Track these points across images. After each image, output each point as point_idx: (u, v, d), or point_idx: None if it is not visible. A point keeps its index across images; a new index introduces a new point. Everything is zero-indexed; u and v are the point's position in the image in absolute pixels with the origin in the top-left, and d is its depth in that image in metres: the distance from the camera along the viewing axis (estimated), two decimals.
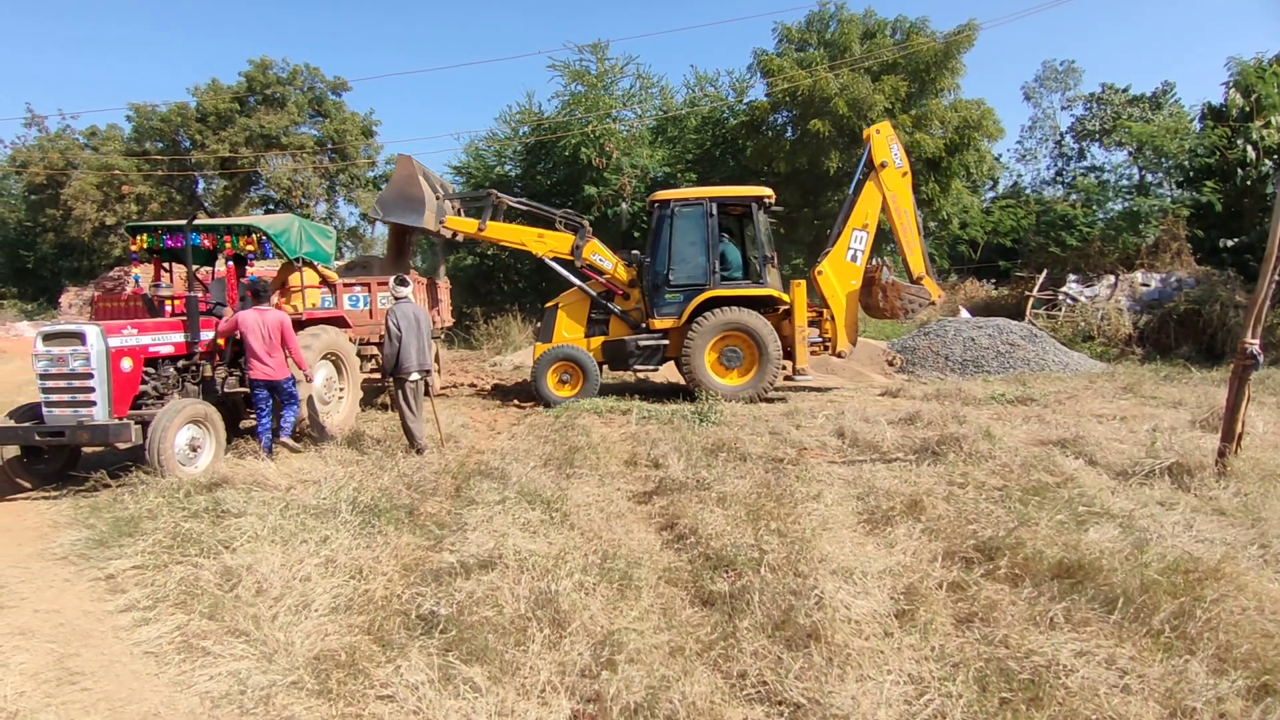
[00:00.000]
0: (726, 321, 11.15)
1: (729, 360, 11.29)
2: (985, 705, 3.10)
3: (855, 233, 11.90)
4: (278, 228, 8.42)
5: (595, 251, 12.01)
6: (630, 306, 11.98)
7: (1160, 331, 17.23)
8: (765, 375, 11.15)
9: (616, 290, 12.03)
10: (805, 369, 11.47)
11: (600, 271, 12.06)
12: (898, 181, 11.91)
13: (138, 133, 32.41)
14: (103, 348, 6.79)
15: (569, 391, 11.52)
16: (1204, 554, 4.35)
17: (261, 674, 3.50)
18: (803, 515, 5.26)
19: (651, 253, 11.67)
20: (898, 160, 11.88)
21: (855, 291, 11.93)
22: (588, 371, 11.52)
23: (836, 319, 11.82)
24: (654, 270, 11.61)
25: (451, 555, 4.70)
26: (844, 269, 11.89)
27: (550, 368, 11.56)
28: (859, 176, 12.17)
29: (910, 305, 12.00)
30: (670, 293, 11.55)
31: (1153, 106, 28.18)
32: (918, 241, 12.11)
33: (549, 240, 12.18)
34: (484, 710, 3.15)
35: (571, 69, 24.10)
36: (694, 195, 11.79)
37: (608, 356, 11.91)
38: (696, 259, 11.54)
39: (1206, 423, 7.96)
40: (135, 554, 4.97)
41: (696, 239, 11.52)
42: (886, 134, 12.02)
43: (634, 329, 11.85)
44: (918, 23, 21.42)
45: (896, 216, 11.96)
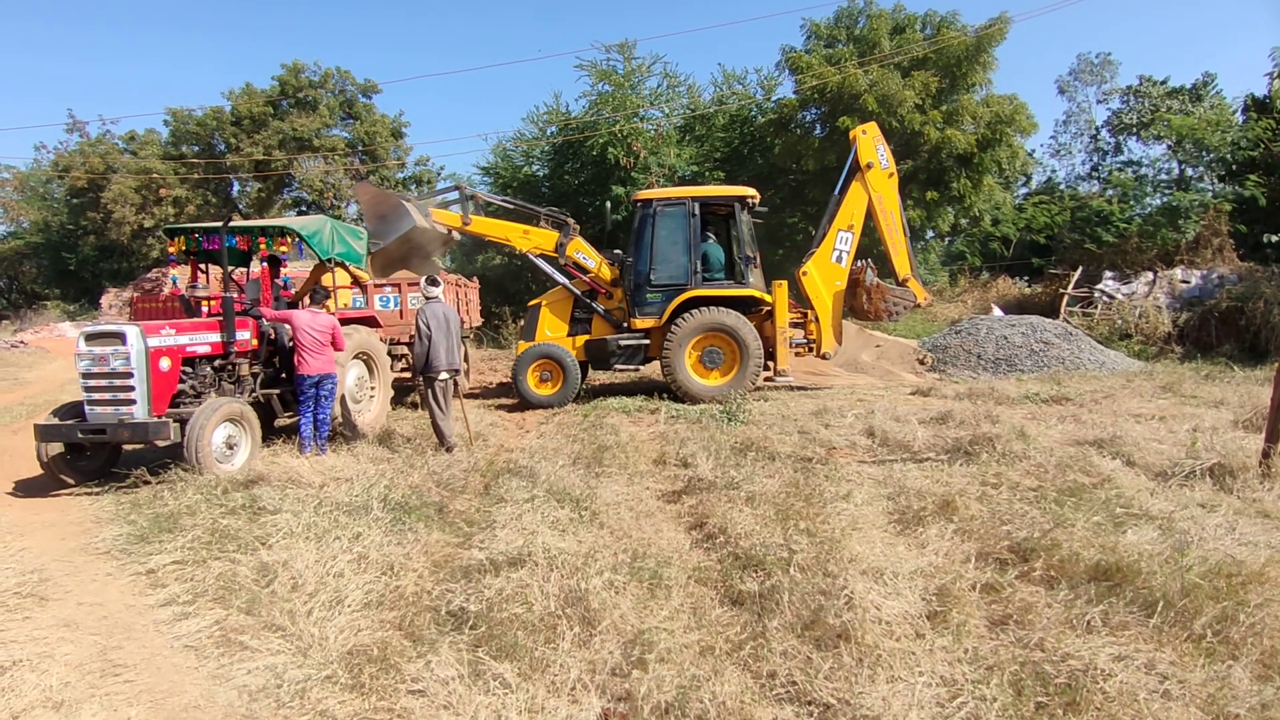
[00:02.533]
0: (707, 322, 11.08)
1: (710, 361, 11.22)
2: (1020, 709, 3.05)
3: (840, 234, 11.87)
4: (310, 229, 8.55)
5: (579, 249, 11.98)
6: (613, 306, 11.95)
7: (1201, 329, 16.82)
8: (746, 376, 11.05)
9: (600, 289, 12.00)
10: (786, 370, 11.39)
11: (584, 270, 12.04)
12: (883, 182, 11.86)
13: (175, 137, 33.14)
14: (142, 347, 6.95)
15: (549, 390, 11.51)
16: (1247, 557, 4.24)
17: (297, 668, 3.56)
18: (832, 515, 5.23)
19: (634, 252, 11.62)
20: (884, 161, 11.82)
21: (840, 292, 11.92)
22: (568, 370, 11.49)
23: (821, 320, 11.78)
24: (636, 270, 11.57)
25: (481, 552, 4.74)
26: (829, 270, 11.86)
27: (530, 366, 11.55)
28: (844, 177, 12.11)
29: (895, 308, 11.94)
30: (651, 292, 11.50)
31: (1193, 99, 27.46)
32: (903, 243, 12.04)
33: (534, 236, 12.15)
34: (514, 706, 3.18)
35: (598, 69, 24.14)
36: (676, 195, 11.76)
37: (590, 355, 11.90)
38: (678, 259, 11.49)
39: (1250, 423, 7.77)
40: (175, 549, 5.08)
41: (678, 239, 11.47)
42: (873, 135, 11.95)
43: (616, 328, 11.81)
44: (948, 17, 21.14)
45: (882, 217, 11.90)
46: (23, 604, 4.45)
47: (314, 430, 7.95)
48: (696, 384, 11.12)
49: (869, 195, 11.80)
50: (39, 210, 37.35)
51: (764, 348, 11.20)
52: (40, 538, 5.83)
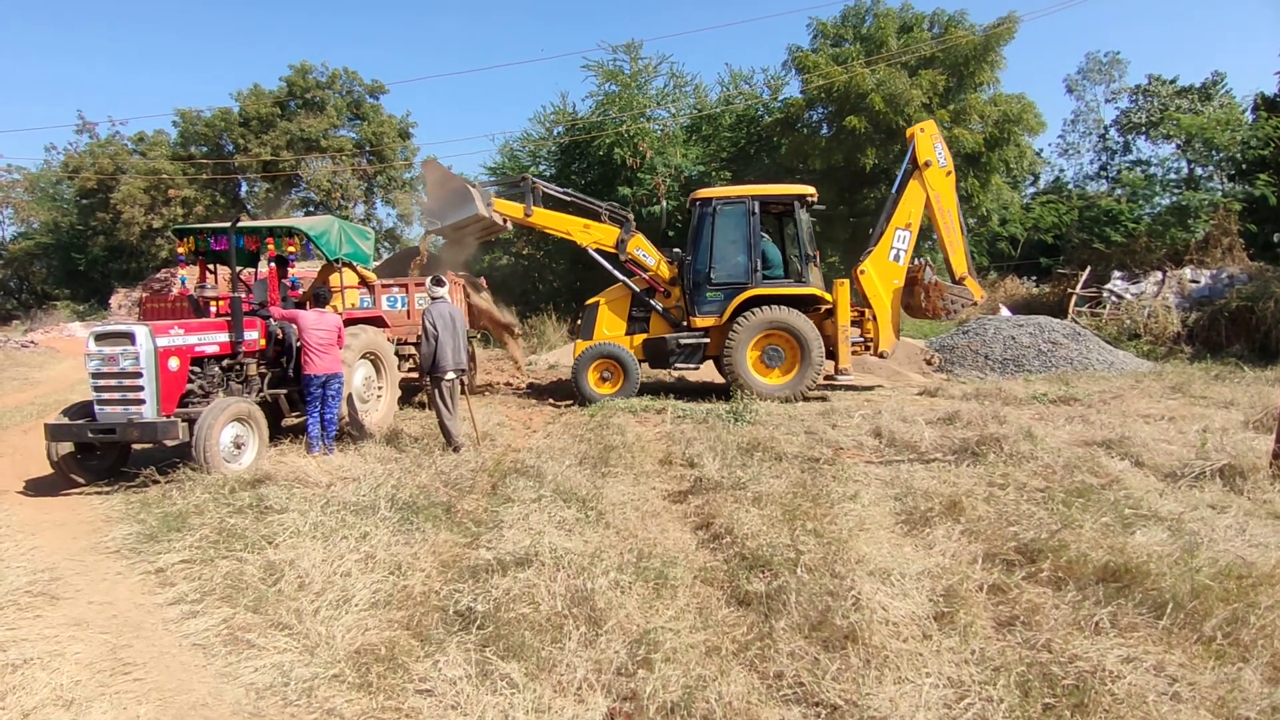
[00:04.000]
0: (769, 320, 11.09)
1: (770, 359, 11.22)
2: (1028, 710, 3.04)
3: (898, 232, 11.78)
4: (318, 229, 8.59)
5: (639, 247, 12.00)
6: (671, 304, 11.96)
7: (1210, 329, 16.71)
8: (807, 375, 11.06)
9: (658, 287, 12.02)
10: (848, 369, 11.37)
11: (643, 268, 12.05)
12: (941, 181, 11.76)
13: (183, 138, 33.35)
14: (151, 347, 6.98)
15: (609, 389, 11.55)
16: (1258, 559, 4.22)
17: (304, 667, 3.57)
18: (839, 515, 5.22)
19: (692, 251, 11.66)
20: (941, 159, 11.74)
21: (898, 291, 11.81)
22: (628, 369, 11.53)
23: (879, 318, 11.70)
24: (695, 268, 11.60)
25: (488, 552, 4.75)
26: (886, 268, 11.77)
27: (591, 365, 11.59)
28: (902, 175, 12.04)
29: (952, 305, 11.86)
30: (711, 291, 11.51)
31: (1202, 98, 27.33)
32: (961, 241, 11.95)
33: (594, 231, 12.18)
34: (521, 706, 3.18)
35: (605, 69, 24.15)
36: (736, 193, 11.74)
37: (648, 354, 11.90)
38: (738, 257, 11.50)
39: (1260, 423, 7.72)
40: (183, 548, 5.11)
41: (738, 237, 11.48)
42: (930, 132, 11.88)
43: (674, 327, 11.82)
44: (956, 16, 21.07)
45: (940, 216, 11.80)
46: (34, 602, 4.48)
47: (321, 430, 7.98)
48: (758, 382, 11.14)
49: (926, 193, 11.72)
50: (49, 211, 37.60)
51: (824, 346, 11.21)
52: (51, 536, 5.86)
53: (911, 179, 11.83)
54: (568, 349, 18.97)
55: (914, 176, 11.80)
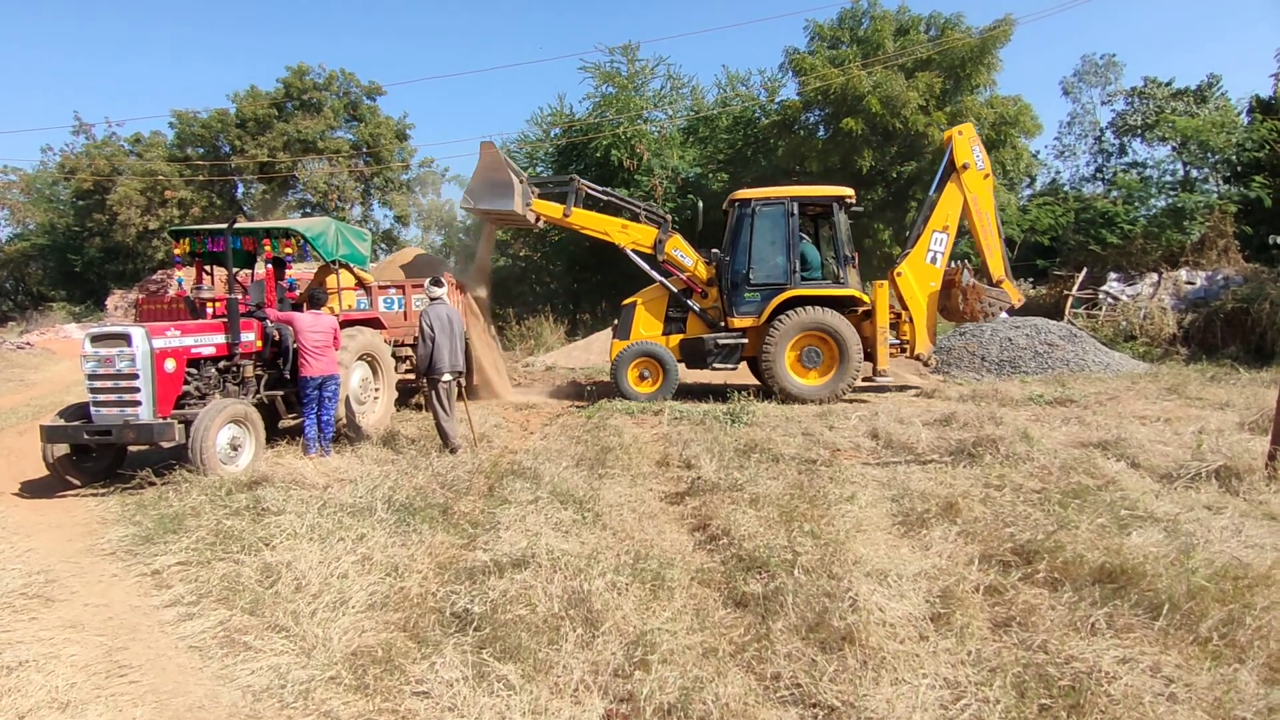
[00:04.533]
0: (807, 321, 11.11)
1: (808, 360, 11.25)
2: (1024, 711, 3.04)
3: (935, 234, 11.83)
4: (315, 231, 8.58)
5: (677, 247, 12.05)
6: (708, 305, 12.00)
7: (1206, 331, 16.76)
8: (845, 376, 11.08)
9: (695, 288, 12.05)
10: (885, 370, 11.36)
11: (680, 268, 12.08)
12: (979, 183, 11.78)
13: (180, 139, 33.28)
14: (148, 349, 6.97)
15: (648, 388, 11.60)
16: (1254, 560, 4.23)
17: (301, 669, 3.57)
18: (836, 517, 5.23)
19: (730, 251, 11.71)
20: (979, 162, 11.75)
21: (934, 293, 11.86)
22: (668, 369, 11.59)
23: (915, 321, 11.74)
24: (733, 269, 11.65)
25: (485, 554, 4.74)
26: (923, 271, 11.81)
27: (631, 364, 11.62)
28: (939, 178, 12.05)
29: (990, 308, 11.90)
30: (750, 291, 11.57)
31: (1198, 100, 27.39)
32: (998, 244, 11.99)
33: (632, 232, 12.23)
34: (518, 708, 3.18)
35: (602, 70, 24.19)
36: (775, 195, 11.76)
37: (685, 354, 11.95)
38: (776, 258, 11.55)
39: (1256, 425, 7.74)
40: (179, 550, 5.10)
41: (777, 238, 11.53)
42: (969, 135, 11.91)
43: (712, 327, 11.88)
44: (952, 18, 21.12)
45: (977, 219, 11.84)
46: (29, 605, 4.47)
47: (318, 432, 7.97)
48: (796, 383, 11.18)
49: (964, 196, 11.74)
50: (45, 212, 37.50)
51: (864, 348, 11.24)
52: (46, 539, 5.85)
53: (949, 181, 11.83)
54: (565, 351, 19.00)
55: (952, 179, 11.82)
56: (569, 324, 22.72)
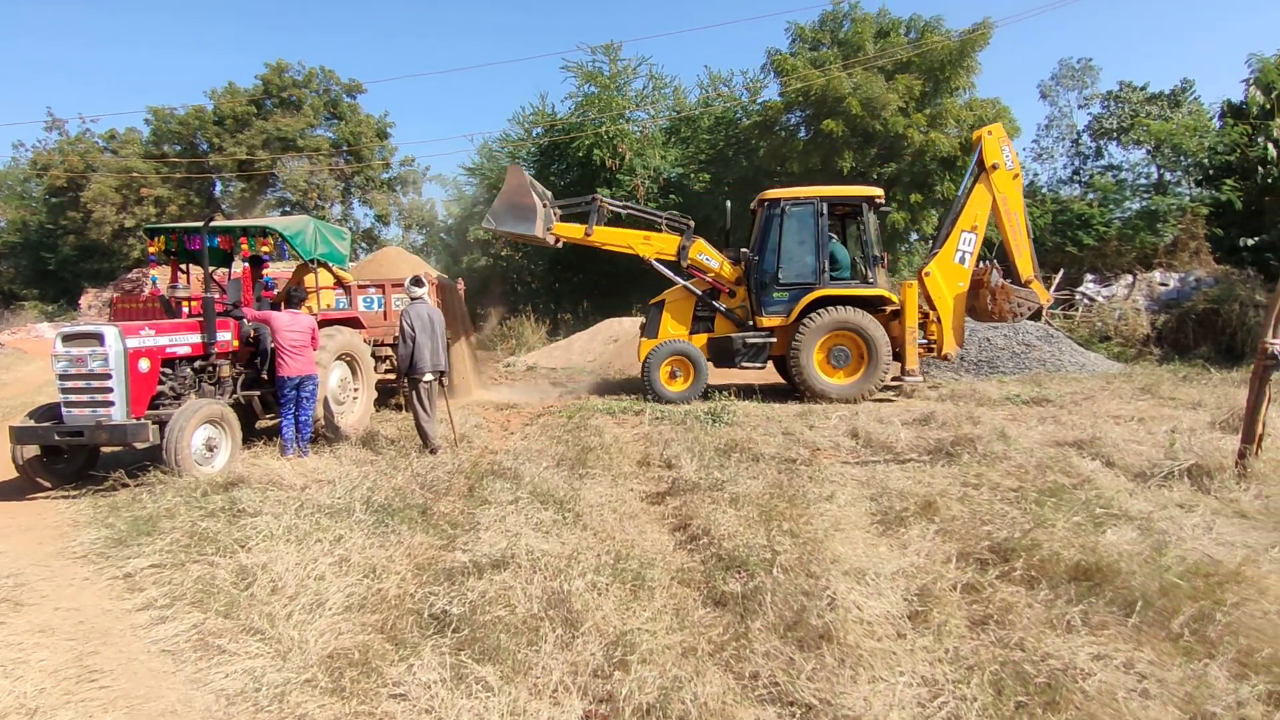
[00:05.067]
0: (836, 321, 11.15)
1: (837, 360, 11.28)
2: (1000, 709, 3.07)
3: (964, 234, 11.79)
4: (293, 229, 8.49)
5: (701, 251, 12.09)
6: (735, 304, 12.05)
7: (1178, 331, 17.01)
8: (874, 375, 11.12)
9: (722, 288, 12.10)
10: (915, 370, 11.39)
11: (706, 271, 12.11)
12: (1008, 183, 11.75)
13: (156, 136, 32.86)
14: (121, 348, 6.87)
15: (679, 386, 11.65)
16: (1224, 557, 4.29)
17: (276, 672, 3.52)
18: (815, 516, 5.25)
19: (759, 251, 11.75)
20: (1009, 162, 11.73)
21: (962, 294, 11.82)
22: (698, 367, 11.64)
23: (943, 320, 11.70)
24: (762, 269, 11.70)
25: (464, 555, 4.72)
26: (951, 271, 11.79)
27: (664, 362, 11.67)
28: (969, 178, 12.03)
29: (1019, 308, 11.80)
30: (779, 291, 11.60)
31: (1171, 104, 27.78)
32: (1027, 244, 11.95)
33: (655, 242, 12.28)
34: (496, 709, 3.16)
35: (584, 70, 24.14)
36: (804, 195, 11.79)
37: (713, 353, 11.99)
38: (806, 258, 11.57)
39: (1226, 424, 7.86)
40: (153, 553, 5.03)
41: (806, 238, 11.55)
42: (999, 135, 11.87)
43: (739, 326, 11.92)
44: (932, 21, 21.28)
45: (1006, 219, 11.78)
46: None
47: (296, 432, 7.90)
48: (824, 382, 11.20)
49: (993, 196, 11.70)
50: (17, 209, 36.88)
51: (892, 348, 11.26)
52: (16, 542, 5.75)
53: (978, 182, 11.81)
54: (546, 351, 18.95)
55: (981, 179, 11.77)
56: (550, 324, 22.65)
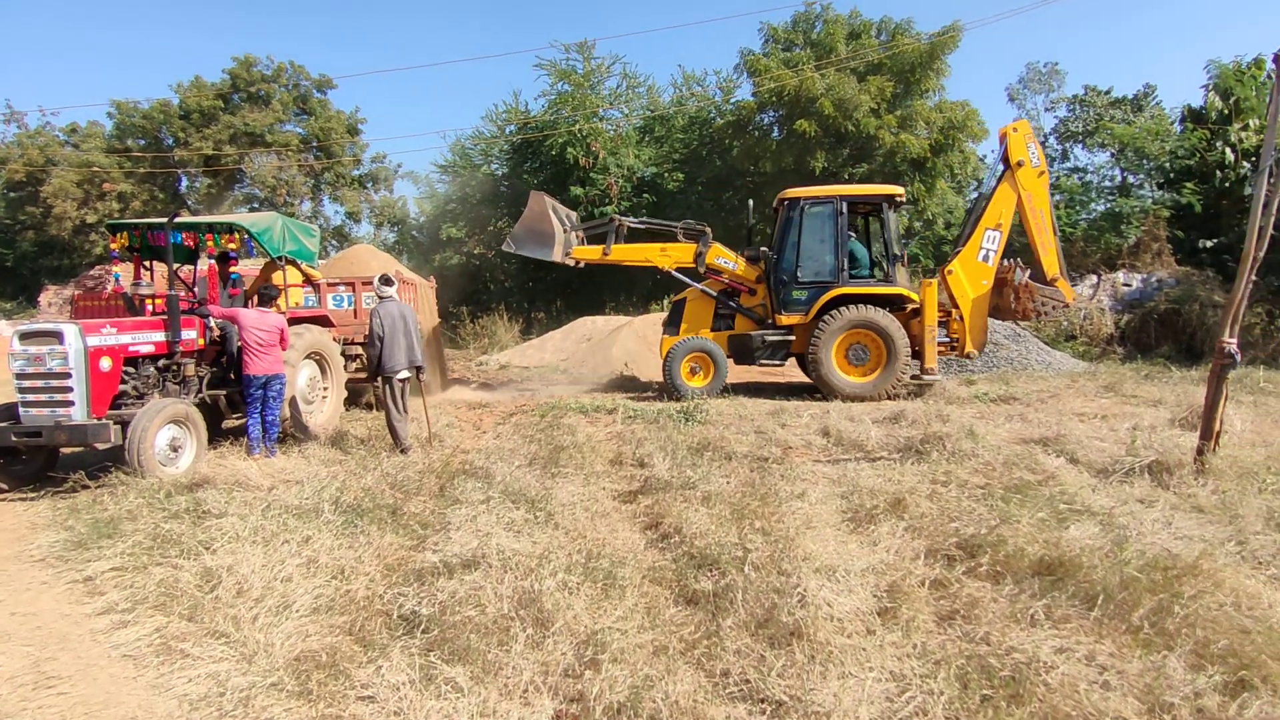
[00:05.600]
0: (854, 319, 11.15)
1: (855, 358, 11.29)
2: (966, 702, 3.11)
3: (988, 232, 11.71)
4: (260, 226, 8.36)
5: (718, 255, 12.16)
6: (755, 303, 12.10)
7: (1141, 331, 17.40)
8: (892, 374, 11.12)
9: (742, 288, 12.14)
10: (934, 369, 11.35)
11: (723, 272, 12.17)
12: (1034, 181, 11.64)
13: (119, 130, 32.14)
14: (81, 347, 6.71)
15: (699, 382, 11.69)
16: (1182, 551, 4.40)
17: (241, 675, 3.47)
18: (787, 514, 5.28)
19: (778, 249, 11.79)
20: (1035, 159, 11.63)
21: (986, 293, 11.73)
22: (718, 363, 11.67)
23: (965, 319, 11.66)
24: (781, 267, 11.73)
25: (435, 555, 4.68)
26: (975, 269, 11.71)
27: (685, 358, 11.71)
28: (993, 175, 12.03)
29: (1044, 308, 11.76)
30: (798, 289, 11.63)
31: (1134, 109, 28.37)
32: (1053, 242, 11.84)
33: (672, 253, 12.34)
34: (466, 710, 3.14)
35: (558, 68, 24.08)
36: (824, 194, 11.82)
37: (734, 350, 12.05)
38: (825, 257, 11.60)
39: (1186, 421, 8.04)
40: (114, 556, 4.91)
41: (825, 237, 11.57)
42: (1024, 132, 11.77)
43: (759, 324, 11.98)
44: (903, 24, 21.54)
45: (1032, 216, 11.68)
46: None
47: (263, 432, 7.78)
48: (843, 380, 11.20)
49: (1018, 194, 11.58)
50: None
51: (912, 346, 11.24)
52: None
53: (1003, 179, 11.72)
54: (519, 349, 18.87)
55: (1005, 176, 11.67)
56: (523, 322, 22.56)
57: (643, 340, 16.09)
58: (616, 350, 16.14)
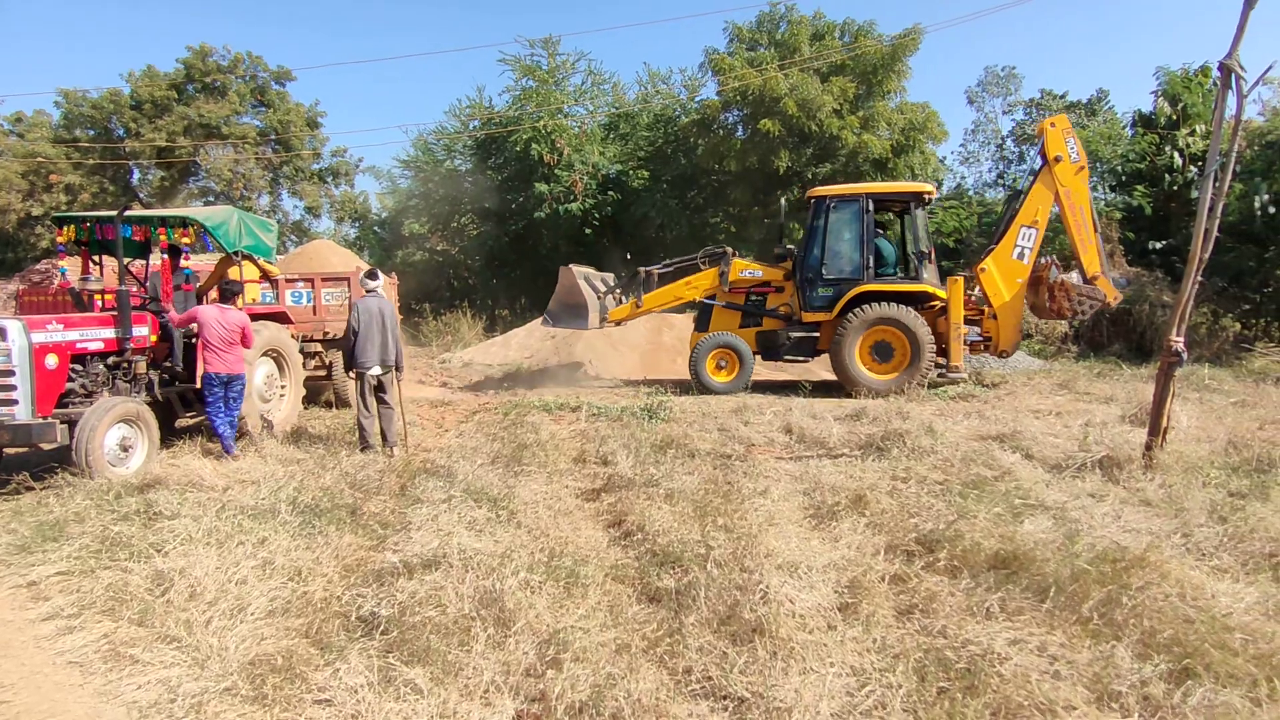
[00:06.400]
0: (878, 316, 11.15)
1: (880, 355, 11.29)
2: (924, 695, 3.16)
3: (1023, 229, 11.56)
4: (215, 220, 8.16)
5: (741, 269, 12.34)
6: (783, 300, 12.19)
7: (1094, 330, 17.82)
8: (917, 371, 11.08)
9: (768, 289, 12.27)
10: (959, 367, 11.29)
11: (750, 282, 12.34)
12: (1072, 176, 11.40)
13: (67, 120, 31.07)
14: (25, 343, 6.48)
15: (725, 377, 11.79)
16: (1130, 543, 4.52)
17: (193, 681, 3.38)
18: (750, 511, 5.32)
19: (805, 247, 11.86)
20: (1074, 154, 11.40)
21: (1020, 290, 11.62)
22: (744, 359, 11.75)
23: (1000, 317, 11.56)
24: (807, 264, 11.77)
25: (395, 555, 4.62)
26: (1009, 267, 11.57)
27: (710, 354, 11.77)
28: (1030, 171, 11.83)
29: (1080, 306, 11.49)
30: (823, 287, 11.68)
31: (1088, 113, 29.18)
32: (1093, 239, 11.55)
33: (697, 284, 12.54)
34: (425, 712, 3.10)
35: (522, 63, 23.89)
36: (850, 191, 11.86)
37: (761, 346, 12.15)
38: (850, 254, 11.63)
39: (1135, 418, 8.26)
40: (60, 559, 4.76)
41: (851, 234, 11.60)
42: (1062, 126, 11.55)
43: (785, 321, 12.04)
44: (865, 26, 21.77)
45: (1071, 213, 11.41)
46: None
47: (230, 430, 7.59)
48: (866, 377, 11.17)
49: (1057, 190, 11.39)
50: None
51: (938, 344, 11.21)
52: None
53: (1040, 174, 11.57)
54: (483, 347, 18.71)
55: (1043, 172, 11.52)
56: (487, 320, 22.38)
57: (607, 338, 16.05)
58: (581, 348, 16.10)
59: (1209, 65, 21.30)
